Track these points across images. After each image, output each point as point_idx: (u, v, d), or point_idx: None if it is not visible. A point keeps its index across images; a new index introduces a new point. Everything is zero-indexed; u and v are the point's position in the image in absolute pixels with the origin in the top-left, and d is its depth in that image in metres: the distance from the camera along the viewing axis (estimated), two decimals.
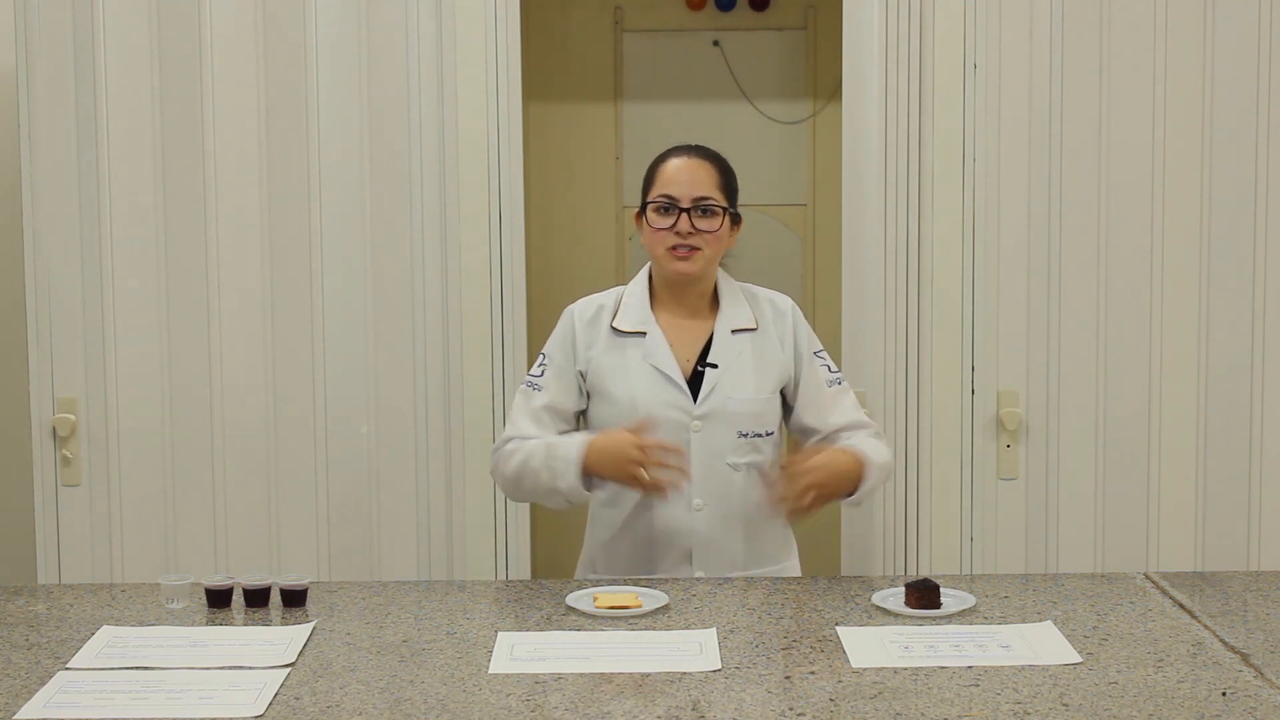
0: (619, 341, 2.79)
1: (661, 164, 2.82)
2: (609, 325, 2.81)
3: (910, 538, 3.56)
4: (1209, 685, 2.09)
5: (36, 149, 3.48)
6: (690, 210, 2.74)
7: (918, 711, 1.99)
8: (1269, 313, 3.52)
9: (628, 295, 2.85)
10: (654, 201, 2.77)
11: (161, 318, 3.53)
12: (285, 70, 3.51)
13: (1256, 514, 3.55)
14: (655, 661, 2.20)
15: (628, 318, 2.81)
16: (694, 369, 2.78)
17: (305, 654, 2.26)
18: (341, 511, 3.57)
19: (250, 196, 3.52)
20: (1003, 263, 3.51)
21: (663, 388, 2.75)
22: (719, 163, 2.82)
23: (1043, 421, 3.53)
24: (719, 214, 2.76)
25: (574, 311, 2.85)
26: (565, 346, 2.81)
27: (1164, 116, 3.49)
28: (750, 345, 2.81)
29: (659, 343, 2.78)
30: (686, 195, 2.75)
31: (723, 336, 2.80)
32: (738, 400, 2.76)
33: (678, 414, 2.74)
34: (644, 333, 2.79)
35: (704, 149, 2.84)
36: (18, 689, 2.12)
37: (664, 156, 2.83)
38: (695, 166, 2.78)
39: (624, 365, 2.77)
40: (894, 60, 3.49)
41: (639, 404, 2.73)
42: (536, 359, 2.83)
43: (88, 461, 3.54)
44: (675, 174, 2.77)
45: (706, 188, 2.76)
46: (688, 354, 2.79)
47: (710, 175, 2.78)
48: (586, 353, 2.79)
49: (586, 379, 2.79)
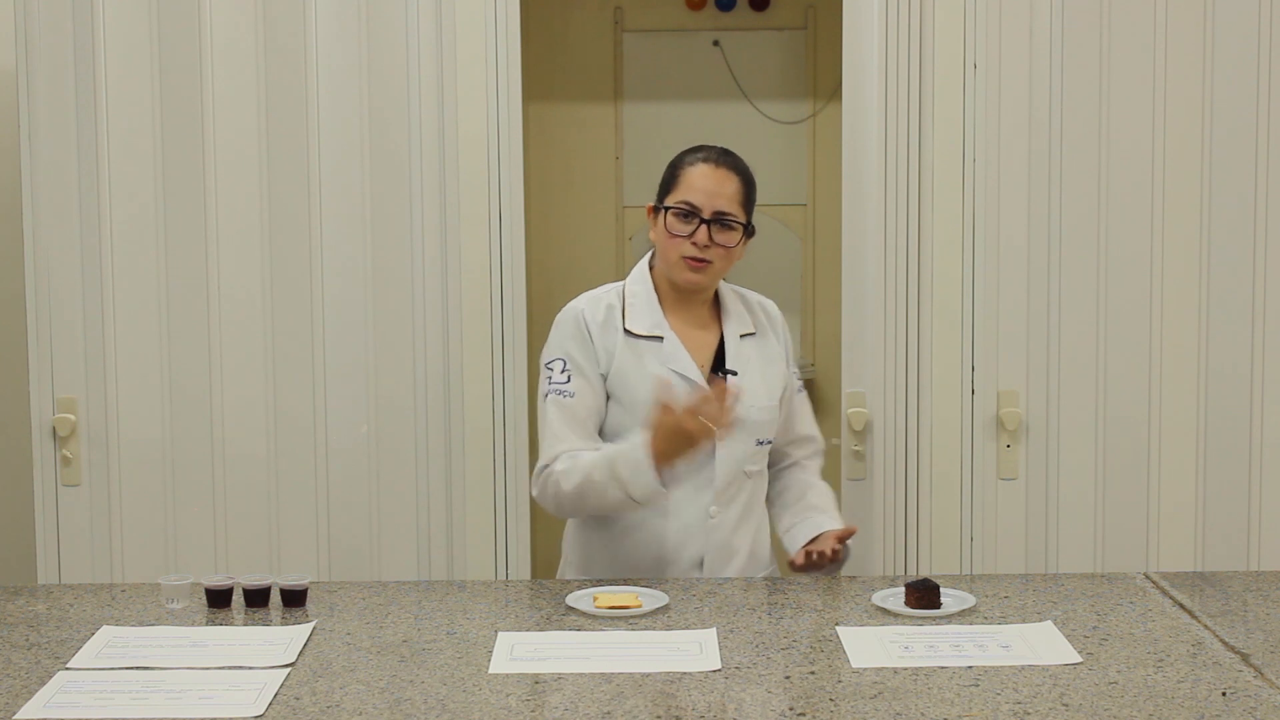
0: (634, 344, 2.73)
1: (689, 166, 2.73)
2: (621, 327, 2.74)
3: (910, 538, 3.56)
4: (1209, 685, 2.09)
5: (36, 149, 3.48)
6: (710, 222, 2.68)
7: (918, 711, 1.99)
8: (1269, 313, 3.52)
9: (631, 295, 2.78)
10: (675, 207, 2.70)
11: (161, 318, 3.53)
12: (285, 70, 3.50)
13: (1256, 514, 3.55)
14: (655, 661, 2.20)
15: (640, 320, 2.74)
16: (707, 376, 2.74)
17: (305, 654, 2.26)
18: (341, 511, 3.57)
19: (250, 196, 3.52)
20: (1003, 263, 3.51)
21: (686, 395, 2.65)
22: (744, 175, 2.75)
23: (1043, 421, 3.53)
24: (738, 229, 2.71)
25: (582, 312, 2.76)
26: (585, 348, 2.72)
27: (1164, 116, 3.49)
28: (756, 351, 2.80)
29: (678, 348, 2.73)
30: (709, 206, 2.68)
31: (733, 342, 2.78)
32: (758, 409, 2.74)
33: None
34: (660, 337, 2.74)
35: (731, 157, 2.76)
36: (18, 689, 2.12)
37: (692, 159, 2.75)
38: (722, 178, 2.71)
39: (643, 370, 2.70)
40: (894, 60, 3.49)
41: None
42: (553, 364, 2.74)
43: (88, 461, 3.54)
44: (701, 182, 2.70)
45: (729, 202, 2.70)
46: (701, 360, 2.76)
47: (735, 188, 2.71)
48: (606, 355, 2.72)
49: (606, 381, 2.72)
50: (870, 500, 3.56)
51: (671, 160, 2.79)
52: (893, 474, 3.55)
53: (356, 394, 3.56)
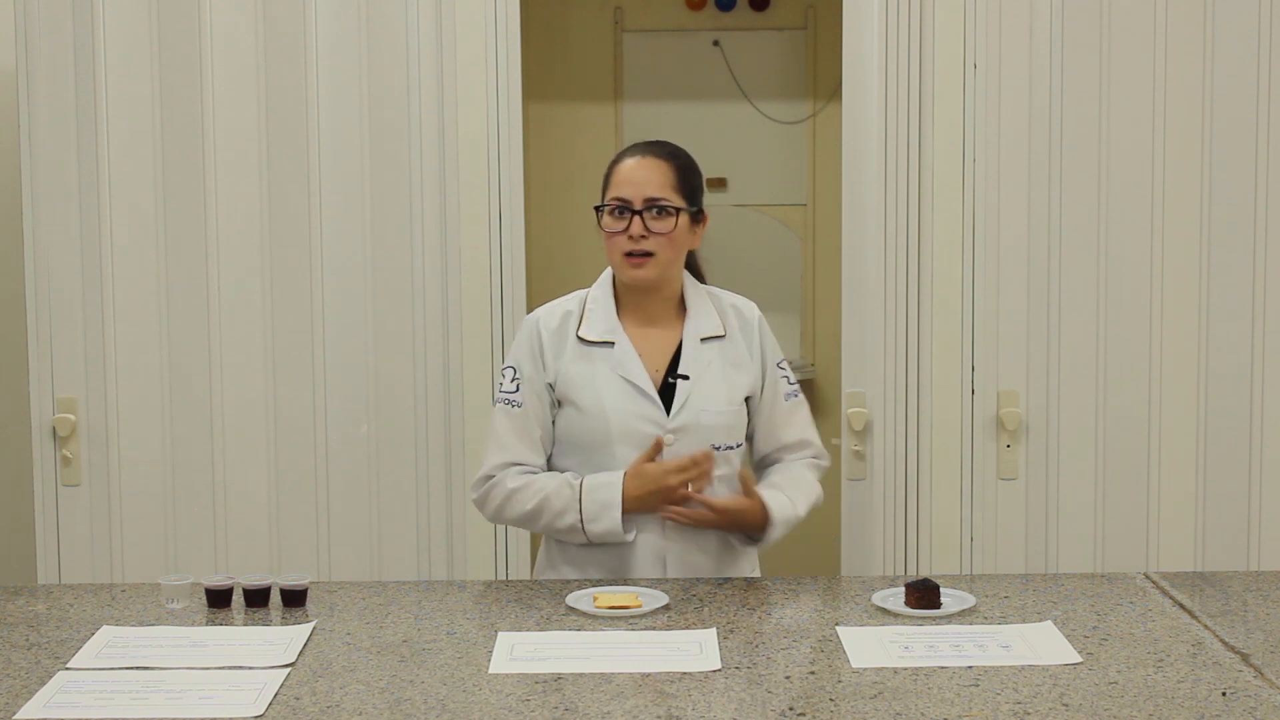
0: (586, 351, 2.71)
1: (615, 165, 2.72)
2: (575, 334, 2.73)
3: (910, 538, 3.56)
4: (1209, 685, 2.09)
5: (36, 149, 3.48)
6: (642, 212, 2.65)
7: (918, 711, 1.99)
8: (1269, 313, 3.52)
9: (592, 301, 2.76)
10: (607, 205, 2.69)
11: (161, 318, 3.53)
12: (285, 70, 3.51)
13: (1256, 514, 3.55)
14: (655, 661, 2.20)
15: (593, 326, 2.73)
16: (664, 379, 2.71)
17: (305, 654, 2.26)
18: (341, 511, 3.57)
19: (250, 196, 3.52)
20: (1003, 263, 3.51)
21: (634, 400, 2.67)
22: (675, 160, 2.71)
23: (1043, 422, 3.53)
24: (673, 214, 2.67)
25: (538, 320, 2.76)
26: (534, 357, 2.72)
27: (1164, 116, 3.49)
28: (719, 354, 2.74)
29: (628, 353, 2.70)
30: (638, 196, 2.65)
31: (692, 345, 2.73)
32: (712, 413, 2.70)
33: (650, 427, 2.67)
34: (612, 342, 2.71)
35: (660, 146, 2.74)
36: (18, 689, 2.12)
37: (619, 156, 2.74)
38: (649, 166, 2.68)
39: (592, 376, 2.69)
40: (894, 60, 3.49)
41: (610, 416, 2.66)
42: (505, 372, 2.76)
43: (88, 461, 3.54)
44: (628, 174, 2.68)
45: (659, 188, 2.66)
46: (656, 364, 2.72)
47: (664, 174, 2.68)
48: (555, 363, 2.71)
49: (555, 389, 2.72)
50: (870, 500, 3.56)
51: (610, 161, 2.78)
52: (893, 474, 3.55)
53: (356, 394, 3.56)
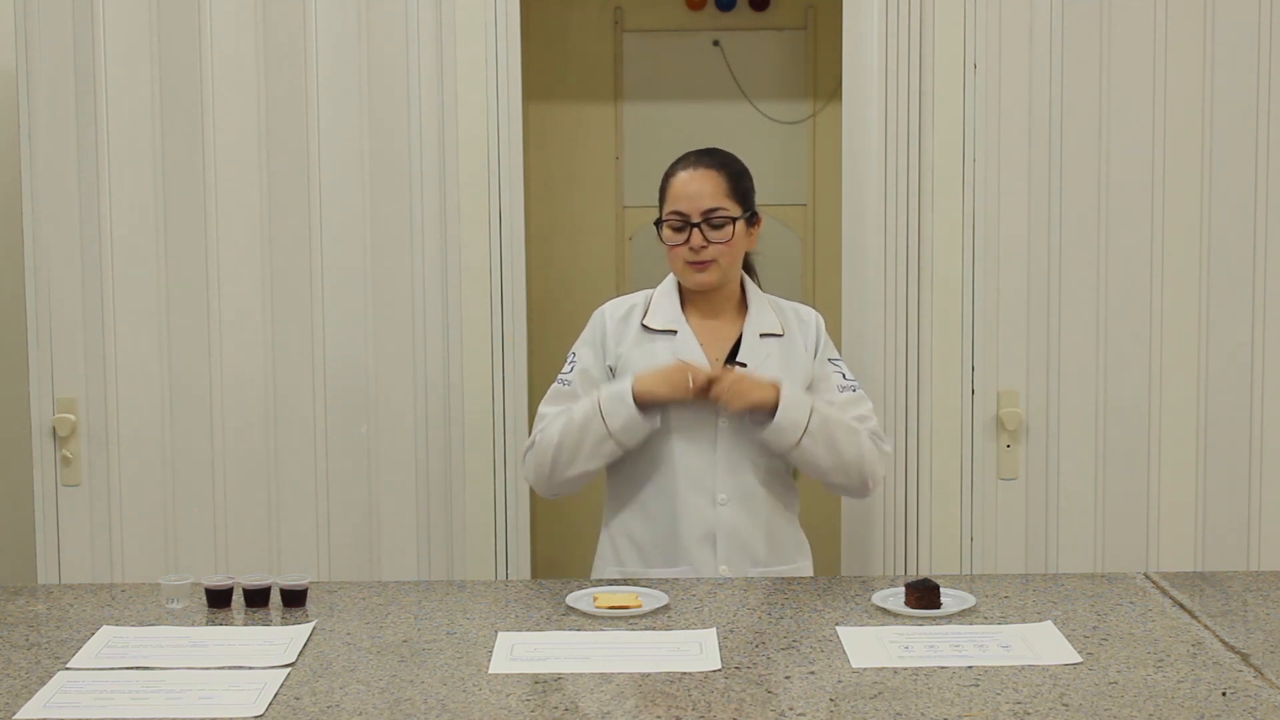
0: (649, 338, 2.84)
1: (670, 178, 2.85)
2: (639, 323, 2.85)
3: (910, 538, 3.57)
4: (1209, 685, 2.09)
5: (36, 149, 3.48)
6: (700, 225, 2.77)
7: (918, 711, 1.99)
8: (1269, 313, 3.52)
9: (658, 295, 2.90)
10: (667, 219, 2.81)
11: (161, 318, 3.53)
12: (285, 70, 3.50)
13: (1256, 514, 3.55)
14: (655, 661, 2.20)
15: (658, 316, 2.86)
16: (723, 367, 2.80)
17: (305, 654, 2.26)
18: (341, 511, 3.57)
19: (250, 196, 3.52)
20: (1003, 262, 3.51)
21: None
22: (727, 167, 2.84)
23: (1043, 421, 3.53)
24: (730, 223, 2.79)
25: (605, 310, 2.90)
26: (594, 344, 2.86)
27: (1164, 116, 3.49)
28: (778, 350, 2.85)
29: (689, 340, 2.82)
30: (695, 209, 2.78)
31: (751, 338, 2.85)
32: None
33: (706, 412, 2.77)
34: (674, 330, 2.83)
35: (711, 155, 2.85)
36: (18, 689, 2.12)
37: (674, 169, 2.85)
38: (702, 178, 2.80)
39: (653, 360, 2.80)
40: (894, 60, 3.49)
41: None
42: (569, 356, 2.88)
43: (88, 461, 3.54)
44: (683, 188, 2.80)
45: (714, 198, 2.79)
46: (716, 353, 2.83)
47: (717, 184, 2.80)
48: (616, 348, 2.84)
49: (615, 374, 2.83)
50: (870, 500, 3.56)
51: (663, 173, 2.88)
52: (893, 474, 3.54)
53: (356, 394, 3.56)
